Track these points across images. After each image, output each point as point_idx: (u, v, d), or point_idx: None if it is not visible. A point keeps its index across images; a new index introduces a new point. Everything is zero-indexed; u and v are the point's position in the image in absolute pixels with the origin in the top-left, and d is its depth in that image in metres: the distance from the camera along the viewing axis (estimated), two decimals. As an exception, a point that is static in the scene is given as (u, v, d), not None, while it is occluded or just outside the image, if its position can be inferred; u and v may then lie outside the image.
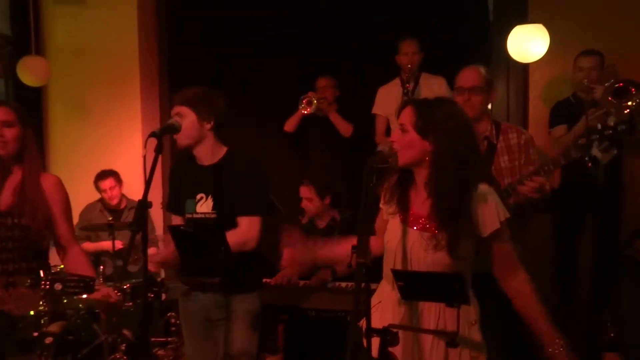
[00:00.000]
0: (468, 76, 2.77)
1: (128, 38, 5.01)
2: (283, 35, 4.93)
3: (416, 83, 4.30)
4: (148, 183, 2.09)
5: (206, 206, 2.60)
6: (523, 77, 4.40)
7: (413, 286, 1.81)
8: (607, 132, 2.40)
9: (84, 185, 4.59)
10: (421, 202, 1.98)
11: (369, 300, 1.81)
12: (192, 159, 2.66)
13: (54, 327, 2.46)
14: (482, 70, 2.80)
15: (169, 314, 4.15)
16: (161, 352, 4.08)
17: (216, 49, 5.05)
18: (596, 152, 2.42)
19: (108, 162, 4.82)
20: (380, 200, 2.09)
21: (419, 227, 1.97)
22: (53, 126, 5.25)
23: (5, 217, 2.39)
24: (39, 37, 5.11)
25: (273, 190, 2.87)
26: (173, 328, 4.10)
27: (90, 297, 2.38)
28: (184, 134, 2.54)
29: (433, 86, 4.22)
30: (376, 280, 2.09)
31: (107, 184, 4.60)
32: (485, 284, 2.07)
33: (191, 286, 2.70)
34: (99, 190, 4.64)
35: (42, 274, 2.31)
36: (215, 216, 2.57)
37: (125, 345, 3.51)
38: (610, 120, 3.35)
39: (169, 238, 2.50)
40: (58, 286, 2.24)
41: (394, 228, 2.03)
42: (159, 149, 2.16)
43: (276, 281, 3.45)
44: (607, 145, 2.40)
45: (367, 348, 1.75)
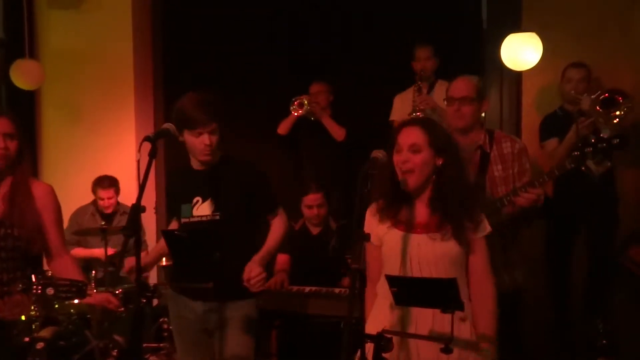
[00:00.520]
0: (459, 87, 2.77)
1: (122, 42, 5.00)
2: (276, 39, 4.95)
3: (431, 88, 4.29)
4: (142, 187, 2.08)
5: (202, 209, 2.59)
6: (516, 85, 4.42)
7: (407, 292, 1.81)
8: (601, 145, 2.42)
9: (77, 189, 4.56)
10: (420, 212, 2.10)
11: (363, 305, 1.82)
12: (187, 164, 2.66)
13: (45, 333, 2.44)
14: (474, 80, 2.80)
15: (161, 320, 4.12)
16: (153, 358, 4.06)
17: (210, 54, 5.05)
18: (590, 165, 2.45)
19: (101, 167, 4.79)
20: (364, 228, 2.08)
21: (422, 231, 2.06)
22: (46, 130, 5.23)
23: None
24: (33, 41, 5.09)
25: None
26: (165, 334, 4.07)
27: (87, 302, 2.36)
28: (215, 149, 2.54)
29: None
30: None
31: (107, 194, 4.56)
32: None
33: (184, 292, 2.67)
34: (97, 196, 4.58)
35: (34, 279, 2.29)
36: (218, 218, 2.56)
37: (116, 351, 3.49)
38: (604, 132, 3.37)
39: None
40: (50, 291, 2.22)
41: (395, 240, 2.08)
42: (153, 154, 2.14)
43: (269, 286, 3.44)
44: (601, 157, 2.43)
45: (362, 354, 1.75)
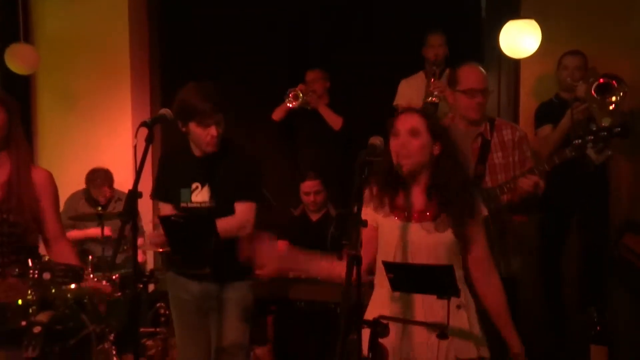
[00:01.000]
0: (479, 78, 2.75)
1: (119, 28, 4.95)
2: (275, 27, 4.91)
3: (440, 76, 4.27)
4: (138, 173, 2.08)
5: (201, 195, 2.59)
6: (514, 73, 4.41)
7: (403, 278, 1.82)
8: (602, 134, 2.41)
9: (72, 175, 4.52)
10: (416, 199, 2.07)
11: (360, 292, 1.81)
12: (186, 149, 2.65)
13: (42, 317, 2.44)
14: (483, 69, 2.80)
15: (158, 305, 4.13)
16: (150, 343, 4.07)
17: (207, 40, 5.02)
18: (591, 153, 2.44)
19: (97, 152, 4.77)
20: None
21: (419, 219, 2.04)
22: (41, 116, 5.20)
23: None
24: (28, 25, 5.05)
25: (263, 182, 2.87)
26: (162, 319, 4.08)
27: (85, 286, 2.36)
28: (219, 138, 2.53)
29: None
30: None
31: (100, 193, 4.46)
32: None
33: (181, 272, 2.70)
34: (90, 192, 4.50)
35: (31, 263, 2.29)
36: (212, 205, 2.57)
37: (113, 335, 3.50)
38: (604, 121, 3.37)
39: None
40: (47, 275, 2.23)
41: (392, 227, 2.07)
42: (150, 139, 2.15)
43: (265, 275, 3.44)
44: (602, 146, 2.43)
45: (357, 339, 1.75)
